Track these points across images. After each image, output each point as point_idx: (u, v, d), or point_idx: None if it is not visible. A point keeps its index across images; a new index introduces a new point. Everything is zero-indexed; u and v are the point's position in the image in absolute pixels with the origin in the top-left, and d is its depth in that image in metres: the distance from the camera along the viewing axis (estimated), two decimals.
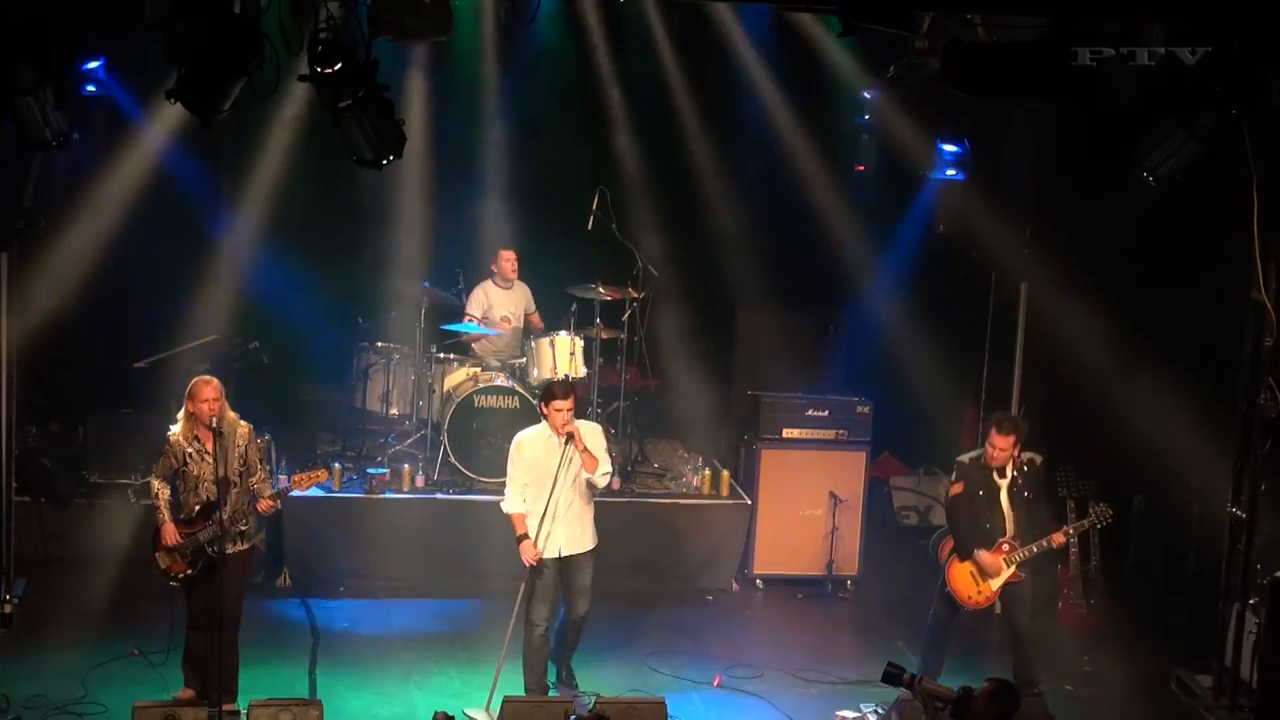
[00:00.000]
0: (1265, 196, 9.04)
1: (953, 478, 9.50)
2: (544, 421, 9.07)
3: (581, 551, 9.10)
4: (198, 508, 8.66)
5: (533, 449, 9.06)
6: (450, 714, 7.51)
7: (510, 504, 9.11)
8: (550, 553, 9.00)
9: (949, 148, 11.69)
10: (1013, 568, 9.24)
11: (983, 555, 9.23)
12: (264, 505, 8.77)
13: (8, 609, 9.90)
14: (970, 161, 11.63)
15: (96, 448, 11.55)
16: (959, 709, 7.05)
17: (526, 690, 8.95)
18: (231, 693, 8.66)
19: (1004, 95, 8.70)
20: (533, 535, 8.96)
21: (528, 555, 8.94)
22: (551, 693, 9.06)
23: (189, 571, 8.68)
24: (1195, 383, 10.27)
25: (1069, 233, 10.88)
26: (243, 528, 8.77)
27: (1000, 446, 9.12)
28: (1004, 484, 9.24)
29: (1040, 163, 11.00)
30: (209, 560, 8.60)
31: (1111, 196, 10.09)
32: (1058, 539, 9.20)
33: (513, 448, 9.15)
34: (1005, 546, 9.24)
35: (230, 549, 8.55)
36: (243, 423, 8.75)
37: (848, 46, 11.39)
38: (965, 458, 9.37)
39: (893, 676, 7.51)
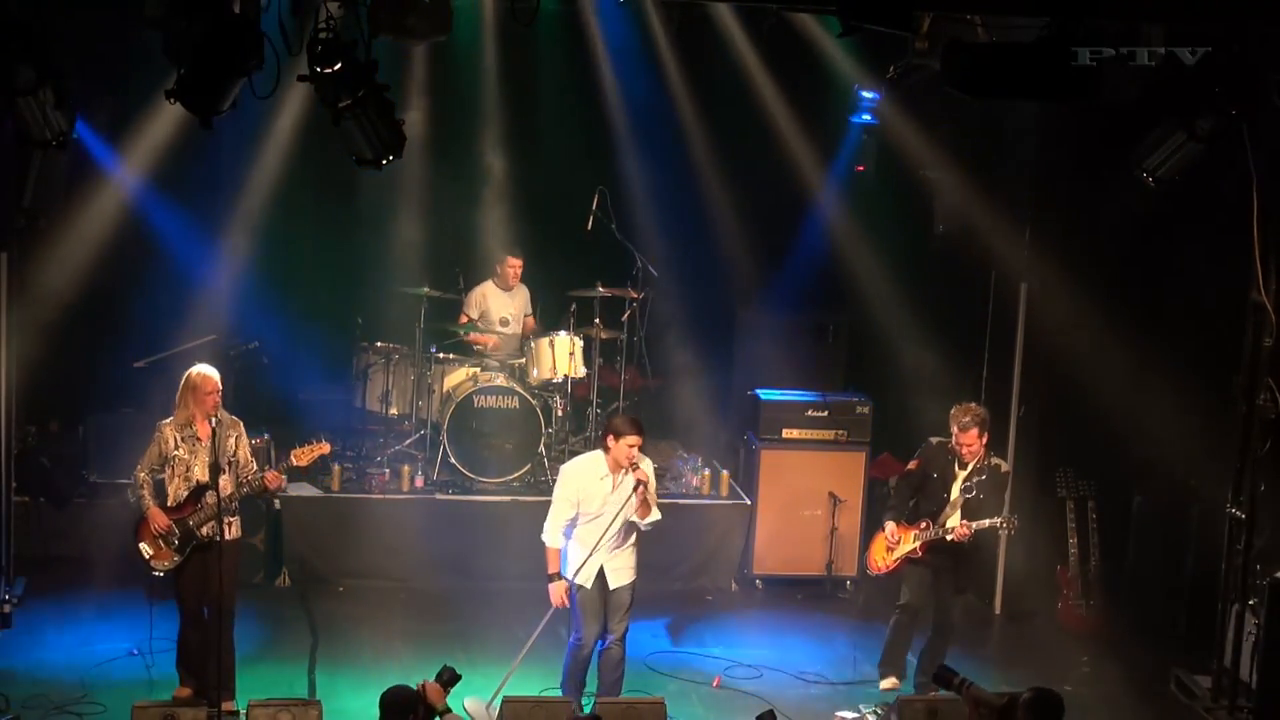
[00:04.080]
0: (1265, 196, 9.05)
1: (916, 453, 9.54)
2: (599, 452, 8.72)
3: (625, 584, 8.86)
4: (186, 493, 8.63)
5: (584, 481, 8.68)
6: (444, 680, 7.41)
7: (550, 536, 8.71)
8: (589, 580, 8.76)
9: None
10: (916, 543, 9.23)
11: (889, 526, 9.36)
12: (272, 476, 8.68)
13: (8, 609, 9.91)
14: (968, 157, 11.67)
15: (96, 448, 11.55)
16: (1002, 718, 7.08)
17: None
18: (230, 689, 8.66)
19: (1004, 95, 8.68)
20: (575, 565, 8.68)
21: (556, 596, 8.67)
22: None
23: (175, 558, 8.65)
24: (1195, 383, 10.27)
25: (1069, 233, 10.87)
26: (233, 511, 8.69)
27: (966, 443, 9.12)
28: (961, 475, 9.22)
29: (1040, 163, 10.99)
30: (197, 546, 8.61)
31: (1111, 197, 10.10)
32: (960, 531, 9.11)
33: (562, 477, 8.80)
34: (923, 524, 9.24)
35: (215, 533, 8.50)
36: (235, 418, 8.80)
37: (847, 46, 11.38)
38: (935, 440, 9.40)
39: (943, 679, 7.55)
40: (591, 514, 8.67)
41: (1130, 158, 8.81)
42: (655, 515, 8.64)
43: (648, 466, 8.68)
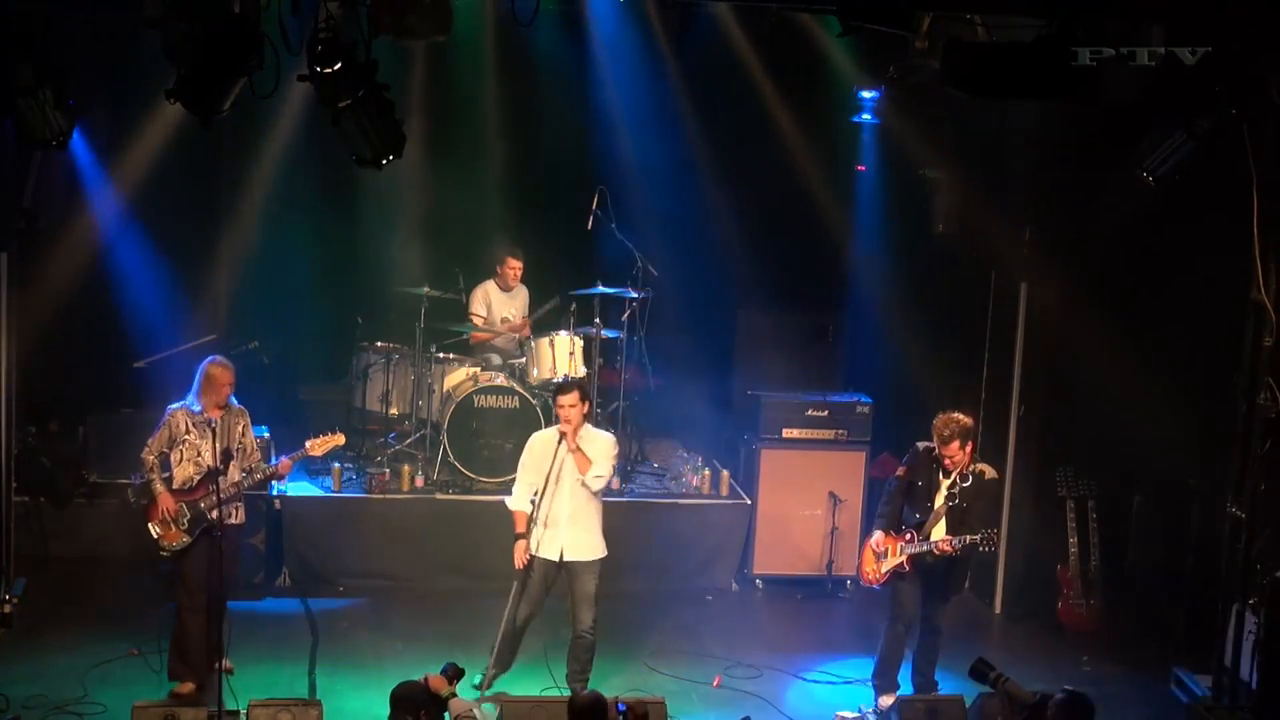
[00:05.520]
0: (1265, 196, 9.04)
1: (904, 460, 9.49)
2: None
3: (585, 559, 9.06)
4: (198, 476, 8.93)
5: (539, 447, 9.13)
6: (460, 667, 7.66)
7: (514, 500, 9.18)
8: (547, 554, 9.02)
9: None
10: (903, 556, 9.18)
11: (877, 535, 9.25)
12: (285, 464, 9.15)
13: (8, 609, 9.92)
14: (967, 156, 11.70)
15: (96, 448, 11.56)
16: (1033, 716, 7.11)
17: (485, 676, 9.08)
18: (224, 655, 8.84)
19: (1004, 95, 8.69)
20: (535, 537, 8.99)
21: (519, 556, 8.98)
22: None
23: (185, 539, 8.91)
24: (1195, 383, 10.26)
25: (1069, 233, 10.88)
26: (239, 498, 9.10)
27: (949, 454, 9.06)
28: (945, 484, 9.17)
29: (1040, 163, 11.00)
30: (206, 530, 8.86)
31: (1111, 196, 10.10)
32: (941, 546, 9.00)
33: (526, 444, 9.27)
34: (907, 535, 9.19)
35: (229, 520, 8.82)
36: (241, 407, 9.16)
37: (847, 46, 11.38)
38: (922, 445, 9.30)
39: (980, 673, 7.57)
40: (549, 476, 8.91)
41: (1130, 158, 8.80)
42: (595, 470, 8.97)
43: (596, 434, 9.13)
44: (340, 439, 9.40)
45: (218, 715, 8.10)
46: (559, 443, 9.01)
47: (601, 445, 9.10)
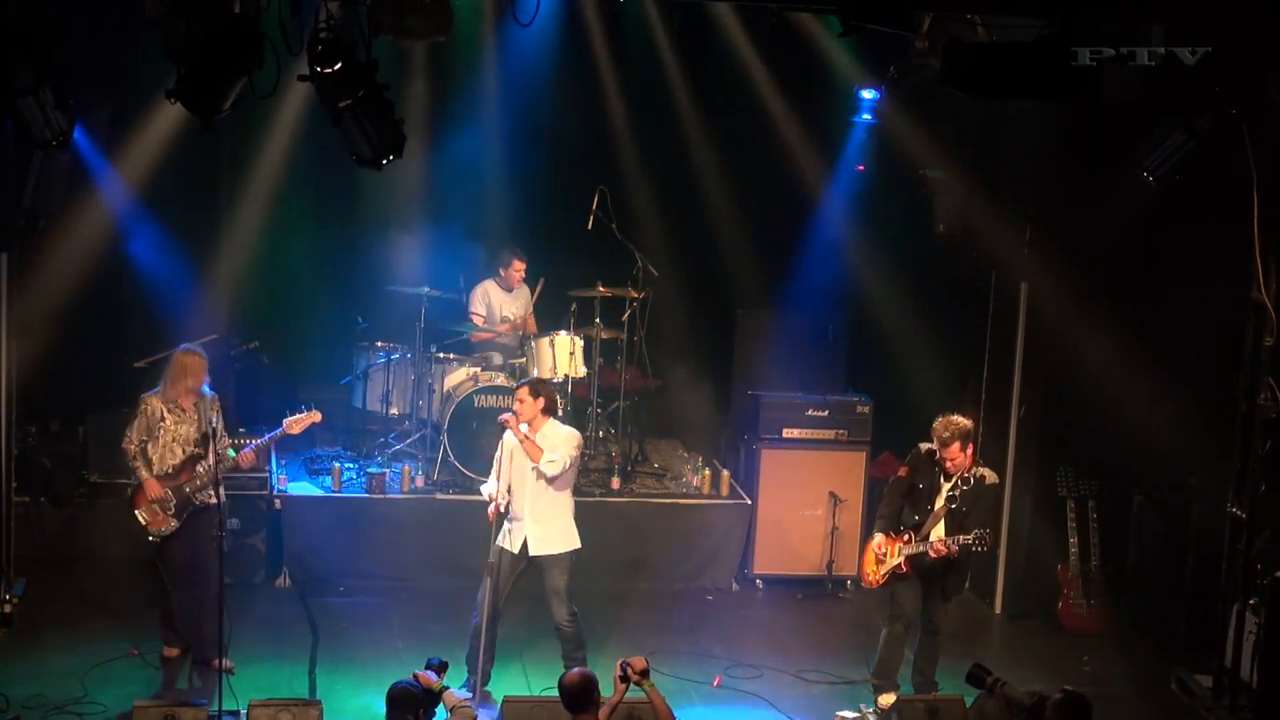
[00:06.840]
0: (1265, 196, 9.05)
1: (905, 460, 9.49)
2: None
3: (550, 553, 9.09)
4: (175, 460, 9.09)
5: (507, 439, 9.17)
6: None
7: (486, 486, 9.25)
8: (508, 545, 9.07)
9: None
10: (901, 557, 9.19)
11: (878, 538, 9.28)
12: (246, 457, 9.26)
13: (8, 609, 9.91)
14: (969, 156, 11.70)
15: (96, 448, 11.53)
16: (1031, 717, 7.11)
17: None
18: (223, 651, 8.85)
19: (1004, 95, 8.70)
20: (505, 530, 9.09)
21: (492, 509, 9.06)
22: None
23: (173, 524, 9.06)
24: (1195, 383, 10.27)
25: (1069, 233, 10.87)
26: (219, 480, 9.15)
27: (949, 457, 9.07)
28: (945, 487, 9.17)
29: (1040, 163, 11.00)
30: (194, 511, 9.04)
31: (1112, 196, 10.10)
32: (937, 547, 9.01)
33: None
34: (906, 537, 9.20)
35: (211, 500, 8.99)
36: (212, 393, 9.31)
37: (847, 46, 11.39)
38: (924, 447, 9.29)
39: (976, 679, 7.57)
40: (511, 471, 9.02)
41: (1130, 158, 8.81)
42: (551, 455, 8.96)
43: (557, 427, 9.10)
44: (316, 416, 9.44)
45: (218, 715, 8.10)
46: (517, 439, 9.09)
47: (560, 437, 9.10)
